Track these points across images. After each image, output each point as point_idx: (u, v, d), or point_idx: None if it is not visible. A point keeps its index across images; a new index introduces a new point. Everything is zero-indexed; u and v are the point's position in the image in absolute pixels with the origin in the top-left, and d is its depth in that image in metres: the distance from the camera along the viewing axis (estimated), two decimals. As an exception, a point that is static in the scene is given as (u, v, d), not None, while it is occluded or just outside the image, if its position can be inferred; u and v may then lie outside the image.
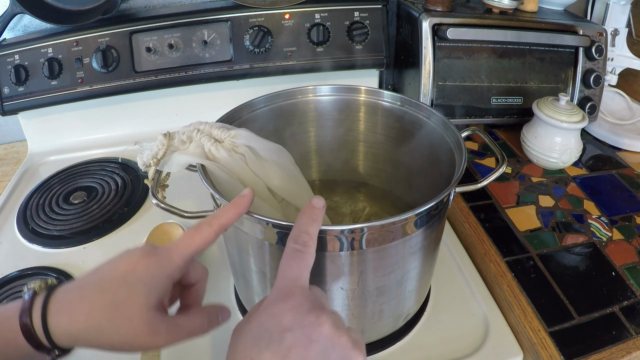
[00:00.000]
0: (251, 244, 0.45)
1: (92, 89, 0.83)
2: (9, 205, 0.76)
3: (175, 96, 0.91)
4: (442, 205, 0.47)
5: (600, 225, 0.68)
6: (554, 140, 0.76)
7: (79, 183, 0.79)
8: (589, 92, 0.88)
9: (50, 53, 0.80)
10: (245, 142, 0.51)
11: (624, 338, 0.52)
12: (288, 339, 0.30)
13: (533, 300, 0.56)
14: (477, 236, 0.66)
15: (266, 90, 0.61)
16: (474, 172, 0.79)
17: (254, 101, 0.59)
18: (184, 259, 0.36)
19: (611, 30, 0.92)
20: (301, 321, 0.31)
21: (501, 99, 0.87)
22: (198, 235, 0.37)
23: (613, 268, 0.61)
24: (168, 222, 0.67)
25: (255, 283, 0.49)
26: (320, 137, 0.67)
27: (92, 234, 0.69)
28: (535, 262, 0.62)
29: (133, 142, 0.51)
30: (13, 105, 0.81)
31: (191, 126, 0.50)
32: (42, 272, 0.62)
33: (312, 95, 0.63)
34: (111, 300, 0.33)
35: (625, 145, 0.86)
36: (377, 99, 0.62)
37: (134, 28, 0.82)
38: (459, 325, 0.57)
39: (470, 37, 0.82)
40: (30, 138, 0.89)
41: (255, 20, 0.85)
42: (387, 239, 0.43)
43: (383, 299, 0.48)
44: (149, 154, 0.49)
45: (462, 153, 0.49)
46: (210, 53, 0.85)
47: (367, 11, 0.88)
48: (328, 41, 0.88)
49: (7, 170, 0.88)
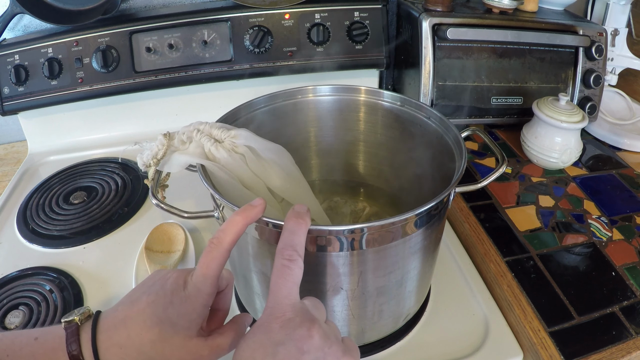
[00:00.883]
0: (251, 244, 0.45)
1: (92, 89, 0.83)
2: (9, 205, 0.76)
3: (175, 96, 0.91)
4: (442, 205, 0.47)
5: (600, 225, 0.68)
6: (554, 140, 0.76)
7: (79, 183, 0.79)
8: (589, 92, 0.88)
9: (50, 53, 0.80)
10: (245, 142, 0.51)
11: (624, 338, 0.52)
12: (281, 353, 0.32)
13: (533, 300, 0.56)
14: (477, 236, 0.66)
15: (266, 90, 0.61)
16: (474, 172, 0.79)
17: (254, 101, 0.59)
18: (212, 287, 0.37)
19: (611, 30, 0.92)
20: (292, 335, 0.32)
21: (501, 99, 0.87)
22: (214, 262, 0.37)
23: (613, 268, 0.61)
24: (168, 222, 0.67)
25: (255, 283, 0.49)
26: (320, 137, 0.67)
27: (92, 234, 0.69)
28: (535, 262, 0.62)
29: (133, 142, 0.52)
30: (13, 105, 0.81)
31: (191, 126, 0.50)
32: (42, 272, 0.62)
33: (312, 95, 0.63)
34: (158, 336, 0.35)
35: (625, 145, 0.86)
36: (377, 99, 0.62)
37: (134, 28, 0.82)
38: (459, 325, 0.57)
39: (470, 37, 0.82)
40: (30, 138, 0.89)
41: (255, 20, 0.85)
42: (387, 239, 0.43)
43: (383, 299, 0.48)
44: (149, 154, 0.49)
45: (462, 153, 0.49)
46: (210, 53, 0.85)
47: (367, 11, 0.88)
48: (328, 41, 0.88)
49: (7, 170, 0.88)
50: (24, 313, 0.57)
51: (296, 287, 0.35)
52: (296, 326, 0.33)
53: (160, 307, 0.36)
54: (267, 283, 0.48)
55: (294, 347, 0.32)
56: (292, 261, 0.35)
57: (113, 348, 0.35)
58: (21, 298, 0.59)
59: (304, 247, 0.37)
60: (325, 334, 0.33)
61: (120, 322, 0.36)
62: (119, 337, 0.35)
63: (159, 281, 0.38)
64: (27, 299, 0.58)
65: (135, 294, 0.38)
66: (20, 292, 0.59)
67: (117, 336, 0.36)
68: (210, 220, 0.49)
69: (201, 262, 0.37)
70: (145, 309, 0.36)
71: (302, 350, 0.32)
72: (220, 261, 0.37)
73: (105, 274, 0.63)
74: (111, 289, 0.61)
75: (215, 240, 0.37)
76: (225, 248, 0.37)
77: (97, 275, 0.62)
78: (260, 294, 0.50)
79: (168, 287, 0.37)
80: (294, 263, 0.35)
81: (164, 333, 0.35)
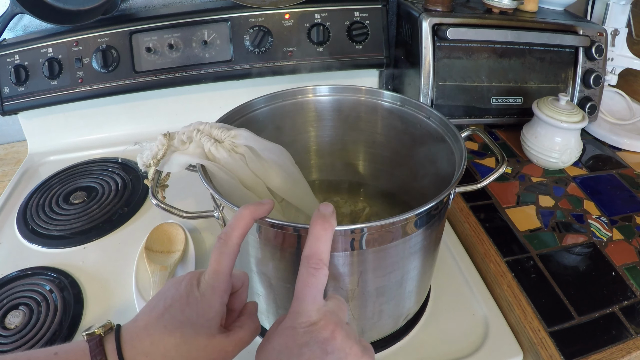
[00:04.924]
0: (251, 245, 0.45)
1: (92, 89, 0.83)
2: (9, 205, 0.76)
3: (175, 96, 0.91)
4: (442, 205, 0.47)
5: (600, 225, 0.68)
6: (554, 140, 0.76)
7: (79, 183, 0.79)
8: (589, 92, 0.88)
9: (50, 53, 0.80)
10: (245, 142, 0.51)
11: (624, 338, 0.52)
12: (306, 354, 0.33)
13: (533, 300, 0.56)
14: (477, 236, 0.66)
15: (266, 90, 0.61)
16: (474, 172, 0.79)
17: (254, 101, 0.59)
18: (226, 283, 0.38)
19: (611, 30, 0.92)
20: (316, 337, 0.34)
21: (501, 99, 0.87)
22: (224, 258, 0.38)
23: (613, 268, 0.61)
24: (168, 222, 0.67)
25: (255, 283, 0.49)
26: (320, 137, 0.67)
27: (92, 234, 0.69)
28: (535, 262, 0.62)
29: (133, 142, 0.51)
30: (13, 105, 0.81)
31: (191, 126, 0.50)
32: (42, 272, 0.62)
33: (312, 95, 0.63)
34: (181, 339, 0.36)
35: (625, 145, 0.86)
36: (377, 99, 0.62)
37: (134, 28, 0.82)
38: (459, 325, 0.57)
39: (470, 37, 0.82)
40: (30, 138, 0.89)
41: (255, 20, 0.85)
42: (387, 239, 0.43)
43: (383, 299, 0.48)
44: (149, 154, 0.49)
45: (462, 153, 0.49)
46: (210, 53, 0.85)
47: (367, 11, 0.88)
48: (328, 41, 0.88)
49: (7, 170, 0.88)
50: (24, 313, 0.57)
51: (321, 293, 0.36)
52: (320, 329, 0.34)
53: (178, 310, 0.36)
54: (267, 283, 0.48)
55: (318, 348, 0.33)
56: (317, 270, 0.36)
57: (139, 356, 0.35)
58: (21, 298, 0.58)
59: (329, 253, 0.37)
60: (347, 335, 0.35)
61: (142, 331, 0.36)
62: (143, 345, 0.36)
63: (174, 286, 0.38)
64: (27, 299, 0.58)
65: (152, 302, 0.38)
66: (20, 292, 0.59)
67: (141, 345, 0.36)
68: (210, 220, 0.49)
69: (212, 259, 0.38)
70: (164, 314, 0.36)
71: (326, 351, 0.33)
72: (230, 256, 0.38)
73: (105, 274, 0.63)
74: (111, 289, 0.61)
75: (224, 236, 0.38)
76: (234, 242, 0.38)
77: (97, 275, 0.62)
78: (260, 295, 0.50)
79: (183, 289, 0.37)
80: (320, 272, 0.36)
81: (186, 335, 0.36)
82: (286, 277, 0.46)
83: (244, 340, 0.39)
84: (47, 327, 0.55)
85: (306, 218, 0.58)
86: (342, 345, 0.34)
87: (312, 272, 0.36)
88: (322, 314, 0.35)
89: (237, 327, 0.40)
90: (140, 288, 0.59)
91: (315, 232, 0.37)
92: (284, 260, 0.44)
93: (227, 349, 0.38)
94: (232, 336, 0.38)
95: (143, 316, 0.38)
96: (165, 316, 0.36)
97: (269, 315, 0.52)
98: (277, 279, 0.47)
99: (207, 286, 0.37)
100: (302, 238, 0.39)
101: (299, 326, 0.34)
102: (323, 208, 0.38)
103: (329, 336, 0.34)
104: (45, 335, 0.54)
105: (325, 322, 0.35)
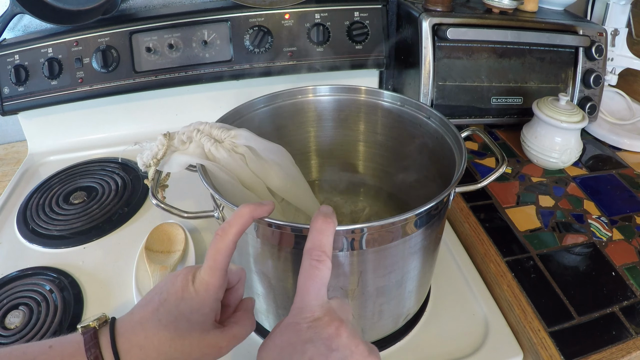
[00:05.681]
0: (251, 245, 0.45)
1: (92, 89, 0.83)
2: (9, 205, 0.76)
3: (175, 96, 0.91)
4: (442, 205, 0.47)
5: (600, 225, 0.68)
6: (554, 140, 0.76)
7: (79, 183, 0.79)
8: (589, 92, 0.88)
9: (50, 53, 0.80)
10: (245, 142, 0.51)
11: (624, 338, 0.52)
12: (310, 350, 0.32)
13: (533, 300, 0.56)
14: (477, 236, 0.66)
15: (266, 90, 0.61)
16: (474, 172, 0.79)
17: (254, 101, 0.59)
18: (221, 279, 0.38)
19: (611, 30, 0.92)
20: (321, 334, 0.33)
21: (501, 99, 0.87)
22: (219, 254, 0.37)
23: (613, 268, 0.61)
24: (168, 222, 0.67)
25: (255, 283, 0.49)
26: (320, 137, 0.67)
27: (92, 234, 0.69)
28: (535, 262, 0.62)
29: (133, 142, 0.52)
30: (13, 105, 0.81)
31: (191, 126, 0.50)
32: (42, 272, 0.62)
33: (312, 95, 0.63)
34: (175, 333, 0.36)
35: (625, 145, 0.86)
36: (377, 99, 0.62)
37: (134, 28, 0.82)
38: (459, 326, 0.57)
39: (470, 37, 0.82)
40: (30, 138, 0.89)
41: (255, 20, 0.85)
42: (387, 239, 0.43)
43: (383, 299, 0.48)
44: (149, 154, 0.49)
45: (462, 153, 0.49)
46: (210, 53, 0.85)
47: (367, 11, 0.88)
48: (328, 41, 0.88)
49: (7, 170, 0.88)
50: (24, 313, 0.57)
51: (324, 288, 0.35)
52: (325, 325, 0.33)
53: (173, 304, 0.36)
54: (267, 283, 0.48)
55: (322, 345, 0.32)
56: (320, 262, 0.35)
57: (133, 349, 0.35)
58: (21, 298, 0.58)
59: (332, 247, 0.37)
60: (352, 333, 0.34)
61: (137, 324, 0.36)
62: (138, 339, 0.36)
63: (170, 281, 0.38)
64: (27, 299, 0.58)
65: (148, 296, 0.38)
66: (20, 292, 0.59)
67: (135, 338, 0.36)
68: (210, 220, 0.49)
69: (207, 255, 0.38)
70: (158, 308, 0.37)
71: (331, 348, 0.32)
72: (226, 252, 0.37)
73: (105, 274, 0.63)
74: (111, 289, 0.61)
75: (221, 232, 0.37)
76: (231, 239, 0.37)
77: (97, 275, 0.62)
78: (260, 294, 0.50)
79: (178, 284, 0.37)
80: (323, 264, 0.35)
81: (180, 329, 0.36)
82: (286, 277, 0.46)
83: (238, 336, 0.39)
84: (47, 327, 0.55)
85: (306, 218, 0.58)
86: (348, 343, 0.33)
87: (315, 265, 0.35)
88: (326, 310, 0.35)
89: (232, 323, 0.40)
90: (140, 288, 0.59)
91: (317, 225, 0.37)
92: (284, 260, 0.44)
93: (220, 344, 0.37)
94: (226, 332, 0.38)
95: (139, 309, 0.38)
96: (160, 310, 0.36)
97: (269, 315, 0.52)
98: (277, 279, 0.47)
99: (201, 282, 0.37)
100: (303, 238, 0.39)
101: (302, 321, 0.34)
102: (324, 208, 0.38)
103: (334, 333, 0.33)
104: (45, 335, 0.54)
105: (330, 318, 0.34)
